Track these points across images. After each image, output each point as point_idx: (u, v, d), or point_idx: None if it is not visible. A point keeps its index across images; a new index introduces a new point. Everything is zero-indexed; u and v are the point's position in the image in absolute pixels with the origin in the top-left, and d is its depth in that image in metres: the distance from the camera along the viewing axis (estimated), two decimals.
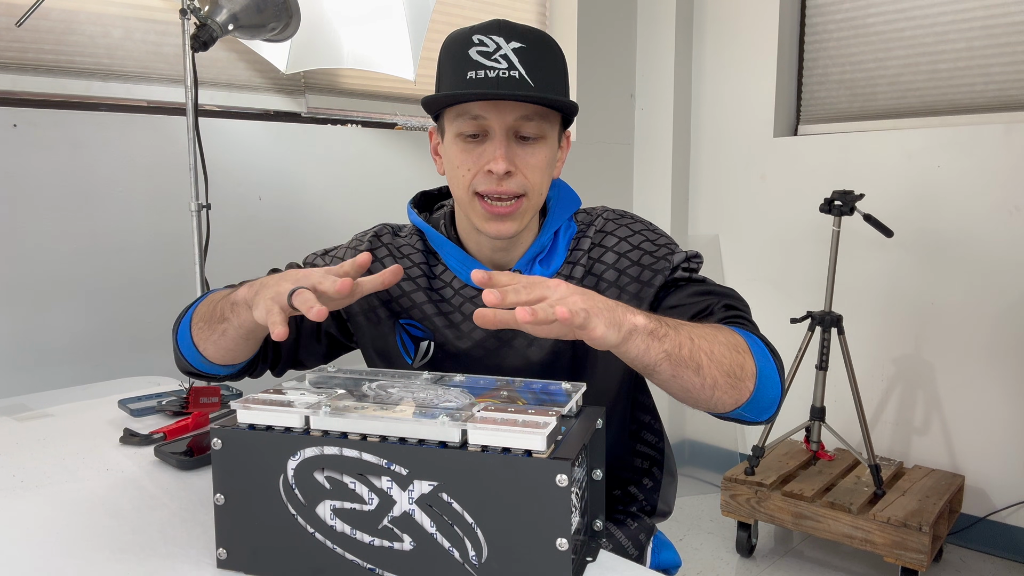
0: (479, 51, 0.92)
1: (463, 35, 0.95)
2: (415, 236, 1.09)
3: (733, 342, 0.85)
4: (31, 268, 1.72)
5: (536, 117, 0.94)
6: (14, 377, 1.69)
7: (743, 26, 2.93)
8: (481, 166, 0.94)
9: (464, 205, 0.98)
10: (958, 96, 2.57)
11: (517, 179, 0.95)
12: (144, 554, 0.80)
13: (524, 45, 0.93)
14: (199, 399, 1.26)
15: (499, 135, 0.94)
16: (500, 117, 0.93)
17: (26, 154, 1.70)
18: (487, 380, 0.86)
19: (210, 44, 1.53)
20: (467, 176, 0.96)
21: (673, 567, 1.18)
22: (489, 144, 0.94)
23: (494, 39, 0.92)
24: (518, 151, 0.95)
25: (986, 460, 2.50)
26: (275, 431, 0.74)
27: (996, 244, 2.43)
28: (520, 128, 0.94)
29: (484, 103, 0.93)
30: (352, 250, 1.09)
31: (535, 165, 0.96)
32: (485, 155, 0.94)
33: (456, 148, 0.97)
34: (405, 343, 1.05)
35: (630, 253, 1.01)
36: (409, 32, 2.02)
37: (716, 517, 2.72)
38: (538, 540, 0.67)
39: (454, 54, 0.95)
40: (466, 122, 0.94)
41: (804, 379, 2.54)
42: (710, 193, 3.11)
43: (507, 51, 0.92)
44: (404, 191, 2.37)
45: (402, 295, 1.04)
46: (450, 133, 0.98)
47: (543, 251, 1.04)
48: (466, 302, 1.03)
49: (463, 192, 0.97)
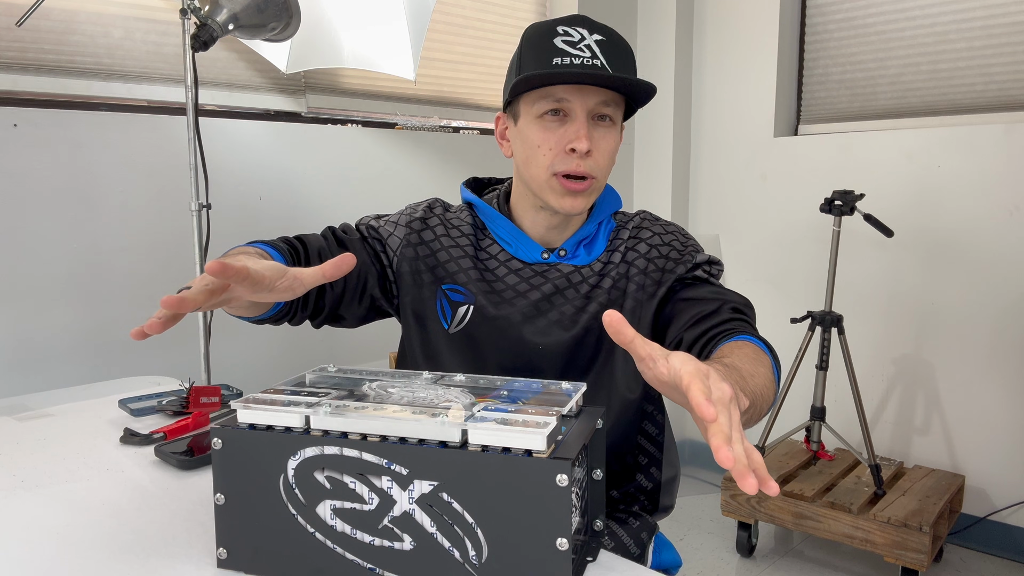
0: (564, 40, 1.00)
1: (547, 26, 1.02)
2: (465, 212, 1.15)
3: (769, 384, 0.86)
4: (31, 268, 1.72)
5: (612, 103, 1.03)
6: (14, 377, 1.70)
7: (743, 26, 2.93)
8: (563, 145, 1.01)
9: (540, 183, 1.04)
10: (958, 96, 2.57)
11: (592, 161, 1.02)
12: (144, 554, 0.80)
13: (604, 38, 1.01)
14: (199, 399, 1.25)
15: (581, 116, 1.01)
16: (583, 100, 1.00)
17: (26, 154, 1.70)
18: (487, 380, 0.87)
19: (210, 44, 1.53)
20: (548, 156, 1.02)
21: (674, 567, 1.18)
22: (571, 124, 1.01)
23: (578, 30, 1.01)
24: (595, 133, 1.02)
25: (986, 460, 2.50)
26: (275, 431, 0.74)
27: (996, 244, 2.43)
28: (598, 111, 1.02)
29: (568, 87, 1.00)
30: (405, 215, 1.15)
31: (606, 149, 1.04)
32: (567, 135, 1.01)
33: (536, 128, 1.03)
34: (444, 308, 1.10)
35: (660, 247, 1.10)
36: (409, 32, 2.02)
37: (716, 517, 2.72)
38: (538, 540, 0.67)
39: (538, 43, 1.02)
40: (549, 102, 1.01)
41: (804, 379, 2.55)
42: (710, 193, 3.11)
43: (590, 42, 1.00)
44: (404, 191, 2.38)
45: (449, 260, 1.10)
46: (529, 115, 1.04)
47: (588, 237, 1.12)
48: (510, 273, 1.10)
49: (543, 171, 1.03)
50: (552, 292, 1.08)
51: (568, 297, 1.08)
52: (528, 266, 1.10)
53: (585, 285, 1.09)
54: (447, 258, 1.10)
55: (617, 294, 1.08)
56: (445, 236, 1.12)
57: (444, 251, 1.10)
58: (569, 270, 1.10)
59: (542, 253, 1.10)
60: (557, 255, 1.10)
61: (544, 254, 1.10)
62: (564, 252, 1.10)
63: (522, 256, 1.10)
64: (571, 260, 1.10)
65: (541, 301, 1.08)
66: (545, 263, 1.10)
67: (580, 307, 1.08)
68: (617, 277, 1.09)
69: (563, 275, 1.09)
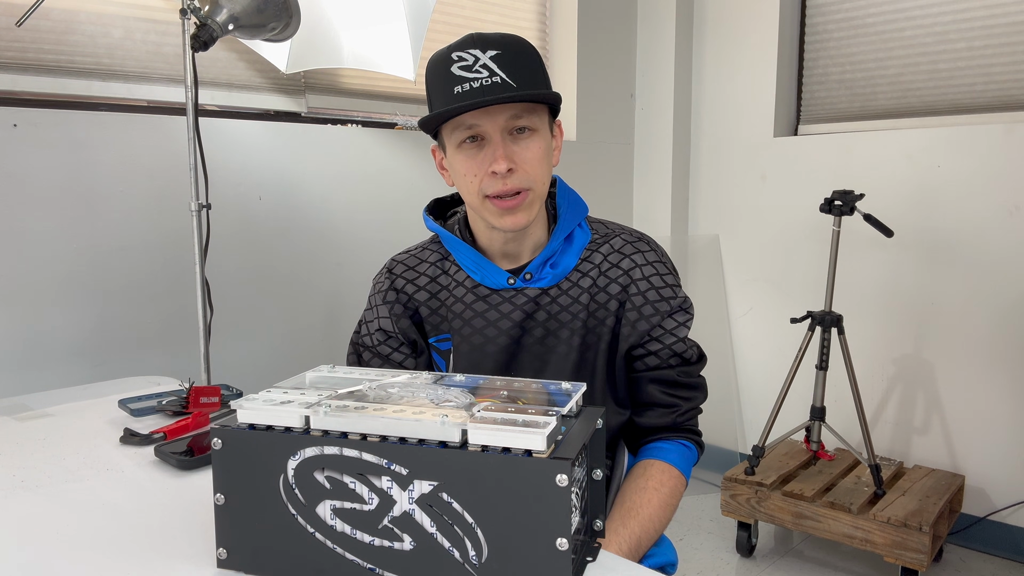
0: (460, 66, 1.00)
1: (442, 55, 1.03)
2: (425, 251, 1.19)
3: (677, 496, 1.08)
4: (31, 268, 1.72)
5: (525, 114, 1.02)
6: (14, 377, 1.69)
7: (743, 26, 2.93)
8: (485, 169, 1.02)
9: (477, 209, 1.07)
10: (958, 96, 2.57)
11: (519, 175, 1.02)
12: (144, 554, 0.80)
13: (499, 51, 1.00)
14: (199, 399, 1.25)
15: (495, 137, 1.02)
16: (492, 121, 1.01)
17: (26, 154, 1.70)
18: (487, 380, 0.86)
19: (210, 44, 1.53)
20: (474, 182, 1.04)
21: (669, 565, 1.18)
22: (488, 147, 1.02)
23: (471, 52, 1.00)
24: (515, 148, 1.03)
25: (986, 460, 2.50)
26: (275, 431, 0.74)
27: (996, 244, 2.43)
28: (512, 126, 1.02)
29: (475, 112, 1.00)
30: (377, 296, 1.18)
31: (532, 158, 1.04)
32: (487, 159, 1.02)
33: (460, 157, 1.05)
34: (438, 359, 1.16)
35: (639, 282, 1.12)
36: (409, 32, 2.02)
37: (716, 517, 2.72)
38: (538, 540, 0.67)
39: (438, 74, 1.02)
40: (463, 132, 1.03)
41: (804, 379, 2.54)
42: (710, 193, 3.11)
43: (485, 60, 1.00)
44: (404, 191, 2.38)
45: (430, 313, 1.14)
46: (451, 146, 1.06)
47: (553, 255, 1.12)
48: (478, 300, 1.12)
49: (475, 198, 1.06)
50: (522, 318, 1.10)
51: (538, 320, 1.10)
52: (495, 292, 1.11)
53: (555, 306, 1.10)
54: (427, 312, 1.15)
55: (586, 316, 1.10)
56: (416, 291, 1.15)
57: (423, 306, 1.15)
58: (536, 293, 1.10)
59: (507, 279, 1.10)
60: (523, 279, 1.10)
61: (510, 279, 1.10)
62: (529, 276, 1.10)
63: (488, 283, 1.11)
64: (537, 283, 1.11)
65: (512, 328, 1.10)
66: (512, 288, 1.11)
67: (551, 330, 1.10)
68: (587, 301, 1.10)
69: (530, 299, 1.10)
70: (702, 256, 3.13)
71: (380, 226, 2.32)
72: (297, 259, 2.18)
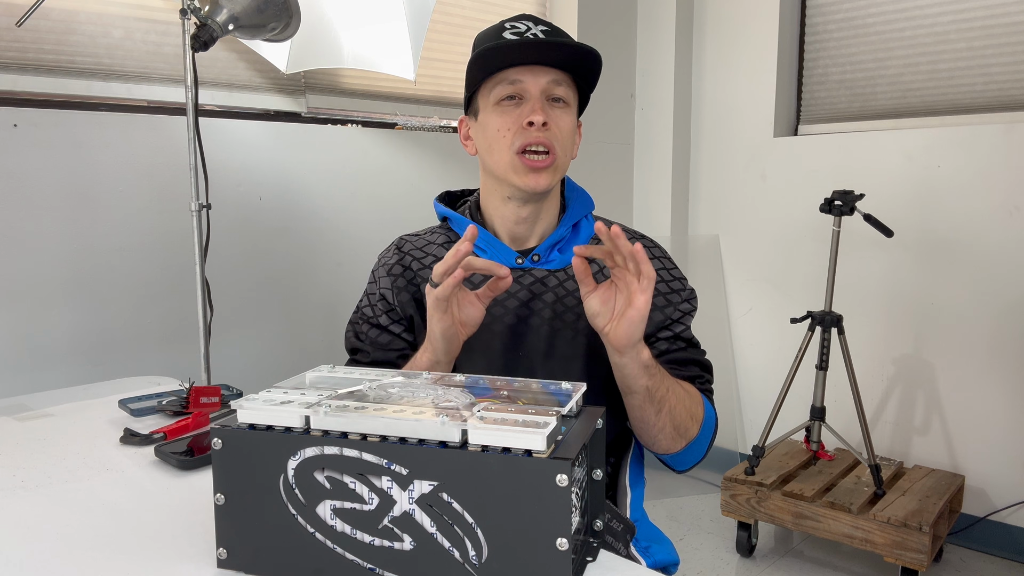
0: (511, 32, 1.06)
1: (494, 27, 1.09)
2: (434, 233, 1.19)
3: (694, 410, 1.05)
4: (31, 268, 1.72)
5: (564, 83, 1.07)
6: (14, 377, 1.69)
7: (743, 26, 2.93)
8: (521, 122, 1.05)
9: (504, 167, 1.07)
10: (958, 96, 2.57)
11: (552, 131, 1.06)
12: (144, 554, 0.80)
13: (549, 28, 1.07)
14: (199, 399, 1.25)
15: (535, 94, 1.05)
16: (535, 79, 1.05)
17: (26, 154, 1.70)
18: (487, 380, 0.86)
19: (210, 44, 1.53)
20: (508, 136, 1.06)
21: (672, 565, 1.18)
22: (526, 105, 1.06)
23: (524, 23, 1.07)
24: (551, 111, 1.06)
25: (986, 460, 2.50)
26: (275, 431, 0.74)
27: (996, 244, 2.43)
28: (551, 92, 1.06)
29: (521, 68, 1.05)
30: (381, 268, 1.18)
31: (564, 126, 1.08)
32: (524, 112, 1.05)
33: (495, 114, 1.07)
34: None
35: None
36: (409, 32, 2.01)
37: (716, 517, 2.72)
38: (538, 540, 0.67)
39: (487, 38, 1.08)
40: (504, 87, 1.06)
41: (804, 379, 2.54)
42: (710, 193, 3.11)
43: (536, 31, 1.06)
44: (404, 191, 2.38)
45: None
46: (488, 104, 1.08)
47: (561, 240, 1.13)
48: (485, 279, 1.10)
49: (505, 153, 1.07)
50: (528, 298, 1.10)
51: (546, 301, 1.10)
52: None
53: (562, 289, 1.11)
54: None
55: None
56: (421, 268, 1.15)
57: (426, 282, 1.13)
58: (543, 274, 1.11)
59: (516, 259, 1.12)
60: (531, 260, 1.12)
61: (518, 259, 1.12)
62: (537, 257, 1.12)
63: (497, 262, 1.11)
64: (544, 264, 1.12)
65: (519, 308, 1.10)
66: (520, 268, 1.11)
67: (558, 313, 1.10)
68: None
69: (537, 280, 1.11)
70: (702, 256, 3.13)
71: (380, 226, 2.32)
72: (297, 259, 2.18)
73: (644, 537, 1.18)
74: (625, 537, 0.88)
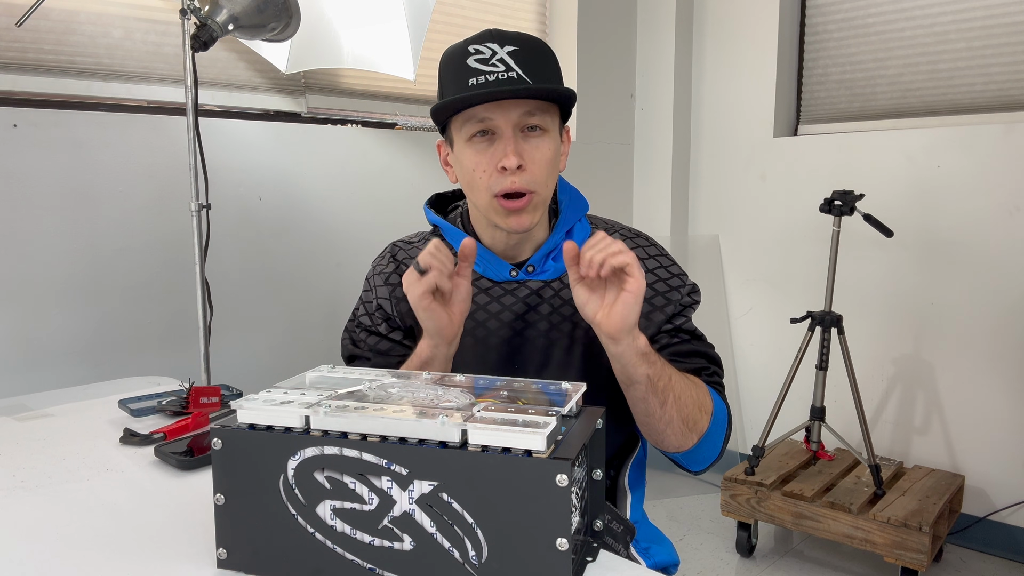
0: (476, 59, 0.99)
1: (459, 47, 1.02)
2: (426, 241, 1.16)
3: (702, 401, 1.00)
4: (31, 268, 1.72)
5: (537, 112, 1.01)
6: (14, 377, 1.69)
7: (743, 26, 2.93)
8: (495, 164, 1.00)
9: (484, 207, 1.05)
10: (958, 96, 2.57)
11: (527, 175, 1.01)
12: (144, 554, 0.80)
13: (517, 48, 1.00)
14: (199, 399, 1.25)
15: (507, 132, 1.00)
16: (505, 115, 0.99)
17: (26, 154, 1.70)
18: (487, 380, 0.86)
19: (210, 44, 1.53)
20: (484, 178, 1.02)
21: (672, 565, 1.18)
22: (499, 143, 1.01)
23: (488, 46, 1.00)
24: (525, 147, 1.01)
25: (986, 460, 2.50)
26: (275, 431, 0.74)
27: (996, 244, 2.43)
28: (524, 123, 1.01)
29: (489, 105, 0.99)
30: (378, 277, 1.16)
31: (541, 159, 1.02)
32: (497, 153, 1.00)
33: (469, 151, 1.03)
34: None
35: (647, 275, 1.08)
36: (409, 32, 2.01)
37: (716, 517, 2.72)
38: (538, 540, 0.67)
39: (453, 65, 1.01)
40: (474, 125, 1.01)
41: (804, 379, 2.54)
42: (710, 193, 3.11)
43: (502, 55, 0.99)
44: (404, 191, 2.38)
45: None
46: (460, 140, 1.04)
47: (555, 249, 1.11)
48: (481, 293, 1.10)
49: (483, 195, 1.03)
50: (524, 310, 1.09)
51: (542, 313, 1.09)
52: (498, 284, 1.10)
53: (558, 299, 1.09)
54: None
55: None
56: None
57: None
58: (539, 285, 1.09)
59: (510, 271, 1.10)
60: (525, 271, 1.10)
61: (512, 271, 1.10)
62: (532, 268, 1.10)
63: (491, 275, 1.10)
64: (539, 275, 1.10)
65: (515, 321, 1.08)
66: (515, 280, 1.10)
67: (554, 323, 1.08)
68: None
69: (533, 291, 1.09)
70: (702, 256, 3.13)
71: (380, 226, 2.32)
72: (297, 259, 2.18)
73: (644, 538, 1.18)
74: (625, 538, 0.88)
